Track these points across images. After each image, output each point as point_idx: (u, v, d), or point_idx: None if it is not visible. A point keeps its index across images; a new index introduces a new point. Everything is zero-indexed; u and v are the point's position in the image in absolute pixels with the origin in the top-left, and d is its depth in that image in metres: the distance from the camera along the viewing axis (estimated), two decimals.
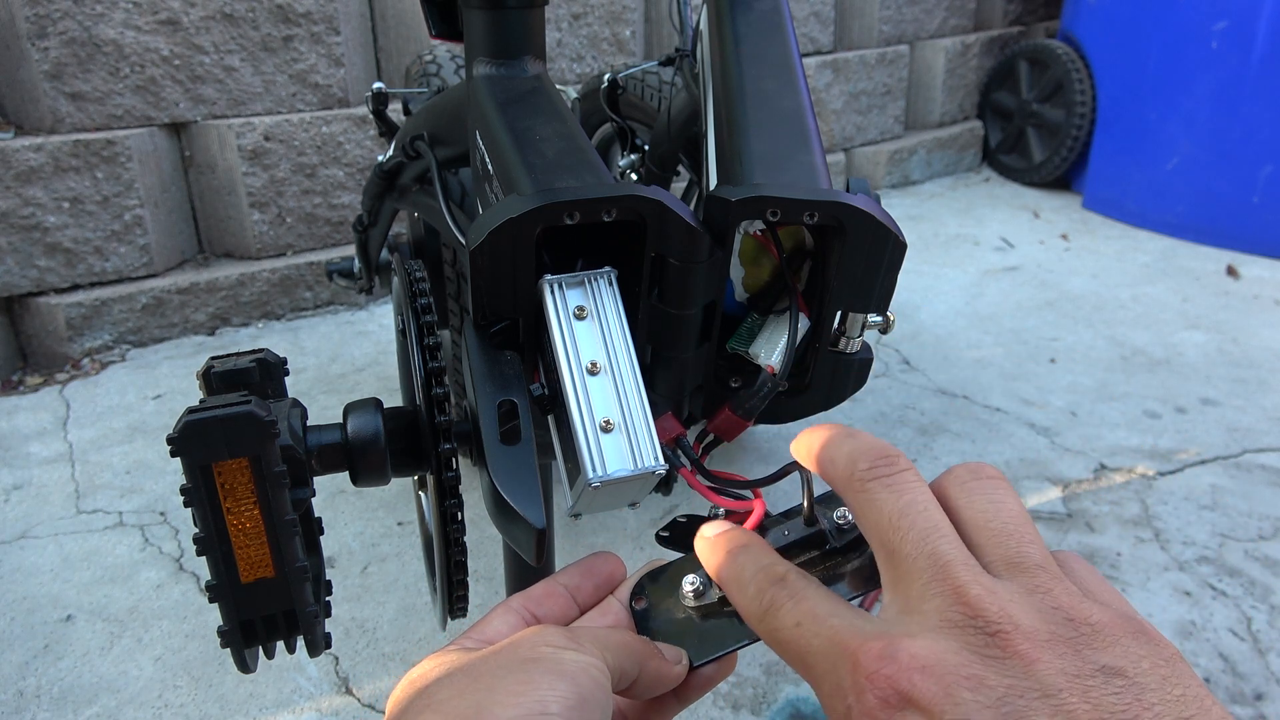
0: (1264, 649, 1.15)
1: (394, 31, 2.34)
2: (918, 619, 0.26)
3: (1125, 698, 0.23)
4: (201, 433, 0.39)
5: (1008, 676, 0.23)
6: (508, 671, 0.31)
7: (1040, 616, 0.25)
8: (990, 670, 0.24)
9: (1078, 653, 0.24)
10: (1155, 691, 0.23)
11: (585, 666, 0.31)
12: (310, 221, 2.21)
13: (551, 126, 0.59)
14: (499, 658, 0.32)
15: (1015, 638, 0.24)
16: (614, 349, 0.46)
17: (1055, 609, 0.25)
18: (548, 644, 0.32)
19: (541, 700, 0.29)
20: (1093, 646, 0.24)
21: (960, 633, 0.25)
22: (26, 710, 1.06)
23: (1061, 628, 0.25)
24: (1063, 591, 0.26)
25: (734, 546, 0.33)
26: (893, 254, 0.50)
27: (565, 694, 0.30)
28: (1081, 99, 3.01)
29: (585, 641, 0.33)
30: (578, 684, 0.31)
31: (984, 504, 0.29)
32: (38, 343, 1.95)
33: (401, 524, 1.40)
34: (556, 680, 0.30)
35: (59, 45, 1.85)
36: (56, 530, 1.39)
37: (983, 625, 0.25)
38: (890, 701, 0.24)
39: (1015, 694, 0.23)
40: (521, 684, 0.30)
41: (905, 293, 2.34)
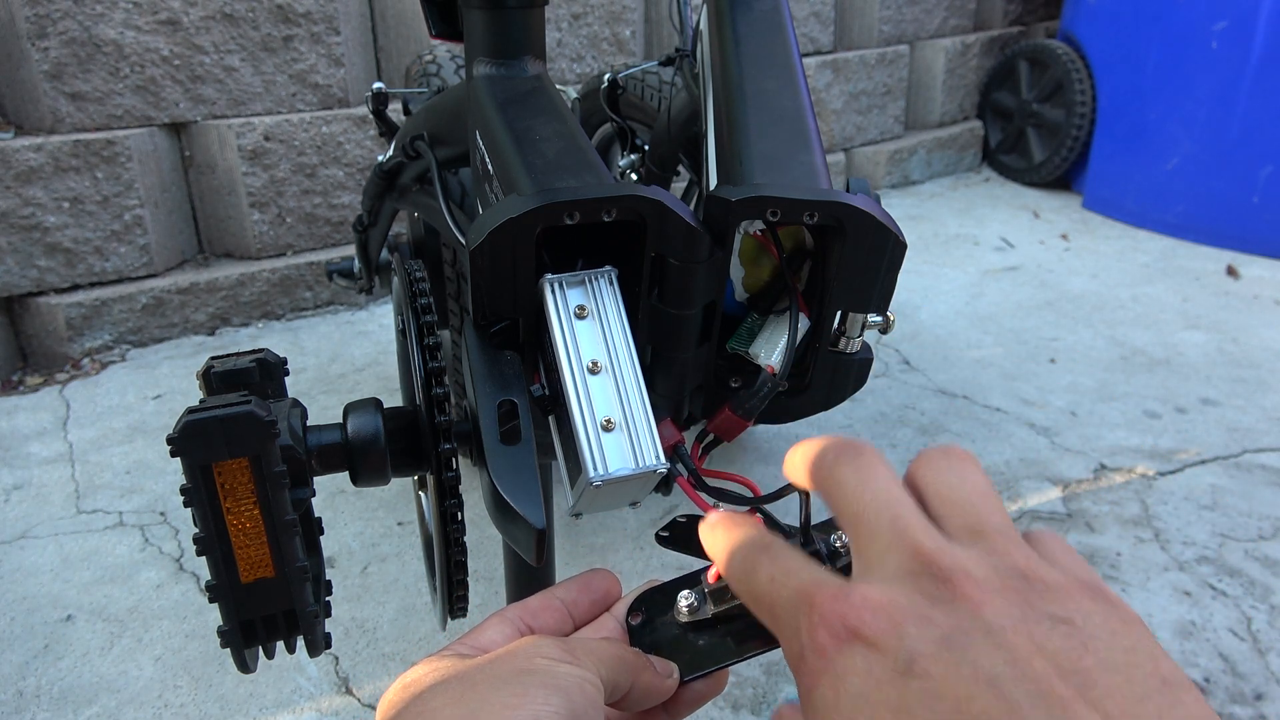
0: (1264, 649, 1.15)
1: (394, 31, 2.33)
2: (876, 573, 0.27)
3: (1071, 642, 0.23)
4: (201, 433, 0.39)
5: (954, 616, 0.24)
6: (503, 682, 0.31)
7: (994, 570, 0.25)
8: (938, 610, 0.24)
9: (1027, 601, 0.24)
10: (1103, 640, 0.23)
11: (580, 681, 0.32)
12: (310, 221, 2.21)
13: (551, 126, 0.59)
14: (495, 667, 0.32)
15: (965, 584, 0.25)
16: (615, 348, 0.46)
17: (1010, 567, 0.26)
18: (543, 656, 0.32)
19: (536, 714, 0.29)
20: (1044, 599, 0.25)
21: (913, 580, 0.26)
22: (26, 710, 1.06)
23: (1014, 580, 0.25)
24: (1020, 555, 0.26)
25: (732, 525, 0.34)
26: (893, 254, 0.50)
27: (559, 708, 0.30)
28: (1081, 99, 3.01)
29: (580, 654, 0.33)
30: (571, 699, 0.31)
31: (949, 478, 0.29)
32: (38, 343, 1.95)
33: (401, 524, 1.40)
34: (551, 694, 0.30)
35: (59, 45, 1.85)
36: (56, 530, 1.39)
37: (935, 572, 0.25)
38: (839, 636, 0.24)
39: (960, 631, 0.23)
40: (516, 696, 0.30)
41: (905, 293, 2.34)
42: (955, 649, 0.23)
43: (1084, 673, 0.23)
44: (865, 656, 0.24)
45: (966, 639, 0.23)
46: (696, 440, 0.50)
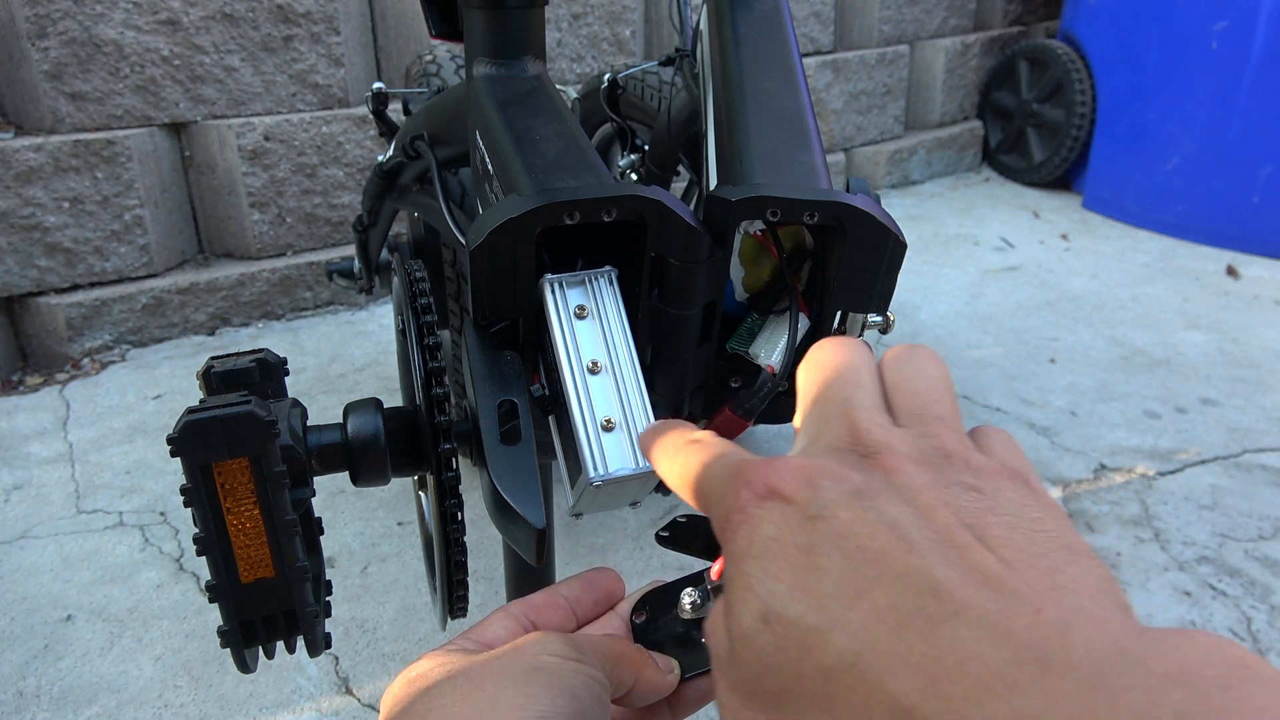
0: (1264, 649, 1.15)
1: (394, 31, 2.33)
2: (808, 448, 0.28)
3: (977, 504, 0.24)
4: (201, 433, 0.39)
5: (868, 477, 0.25)
6: (511, 680, 0.31)
7: (918, 448, 0.27)
8: (854, 472, 0.26)
9: (941, 472, 0.26)
10: (1009, 508, 0.25)
11: (586, 680, 0.32)
12: (310, 221, 2.21)
13: (551, 126, 0.59)
14: (502, 663, 0.32)
15: (886, 456, 0.26)
16: (615, 348, 0.46)
17: (938, 448, 0.27)
18: (550, 653, 0.32)
19: (543, 714, 0.30)
20: (960, 472, 0.26)
21: (839, 453, 0.27)
22: (26, 710, 1.06)
23: (936, 457, 0.26)
24: (952, 439, 0.28)
25: (667, 429, 0.34)
26: (893, 254, 0.50)
27: (566, 708, 0.30)
28: (1081, 99, 3.01)
29: (586, 651, 0.33)
30: (578, 698, 0.31)
31: (906, 369, 0.30)
32: (38, 343, 1.95)
33: (401, 524, 1.40)
34: (558, 695, 0.31)
35: (59, 45, 1.85)
36: (56, 530, 1.39)
37: (861, 449, 0.27)
38: (761, 494, 0.26)
39: (870, 486, 0.25)
40: (524, 695, 0.30)
41: (905, 293, 2.34)
42: (863, 499, 0.25)
43: (985, 527, 0.24)
44: (781, 509, 0.25)
45: (875, 492, 0.25)
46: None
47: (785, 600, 0.24)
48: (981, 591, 0.22)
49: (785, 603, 0.24)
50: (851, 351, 0.31)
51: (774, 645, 0.24)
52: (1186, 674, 0.18)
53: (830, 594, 0.23)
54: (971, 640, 0.21)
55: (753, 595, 0.24)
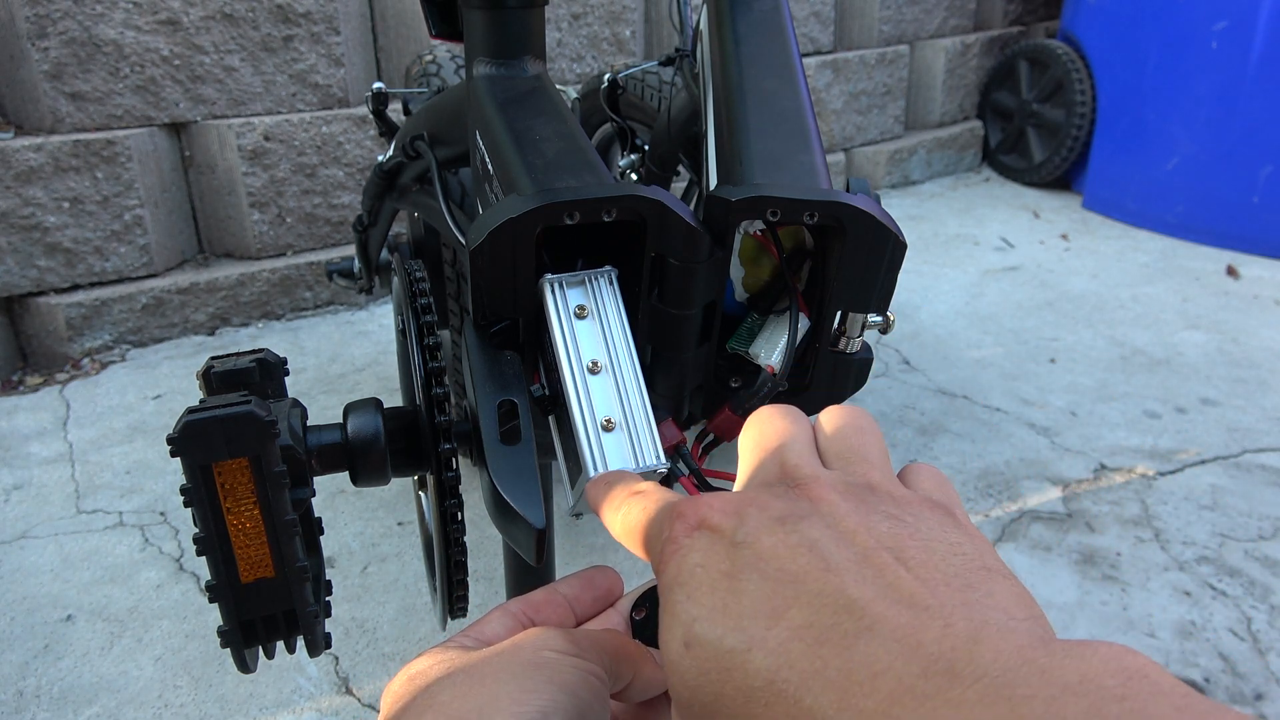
0: (1264, 649, 1.15)
1: (394, 31, 2.33)
2: (744, 487, 0.30)
3: (897, 528, 0.25)
4: (201, 433, 0.39)
5: (792, 505, 0.26)
6: (511, 676, 0.31)
7: (845, 482, 0.28)
8: (779, 501, 0.27)
9: (865, 503, 0.27)
10: (929, 532, 0.25)
11: (586, 675, 0.32)
12: (310, 221, 2.21)
13: (551, 126, 0.59)
14: (502, 659, 0.32)
15: (813, 485, 0.27)
16: (615, 348, 0.46)
17: (863, 482, 0.28)
18: (550, 648, 0.33)
19: (543, 711, 0.30)
20: (883, 503, 0.27)
21: (769, 486, 0.28)
22: (26, 710, 1.06)
23: (860, 489, 0.27)
24: (878, 476, 0.28)
25: (609, 480, 0.35)
26: (893, 254, 0.50)
27: (565, 705, 0.30)
28: (1081, 99, 3.01)
29: (585, 646, 0.34)
30: (577, 695, 0.31)
31: (839, 423, 0.32)
32: (38, 343, 1.95)
33: (401, 524, 1.40)
34: (558, 691, 0.31)
35: (59, 45, 1.85)
36: (56, 530, 1.39)
37: (790, 481, 0.28)
38: (691, 526, 0.27)
39: (793, 513, 0.26)
40: (525, 691, 0.30)
41: (905, 293, 2.34)
42: (786, 524, 0.25)
43: (903, 550, 0.24)
44: (708, 538, 0.26)
45: (798, 518, 0.26)
46: (696, 440, 0.50)
47: (704, 624, 0.24)
48: (895, 607, 0.22)
49: (704, 626, 0.24)
50: (786, 413, 0.32)
51: (696, 669, 0.24)
52: (1086, 684, 0.19)
53: (748, 615, 0.24)
54: (884, 654, 0.21)
55: (676, 621, 0.25)
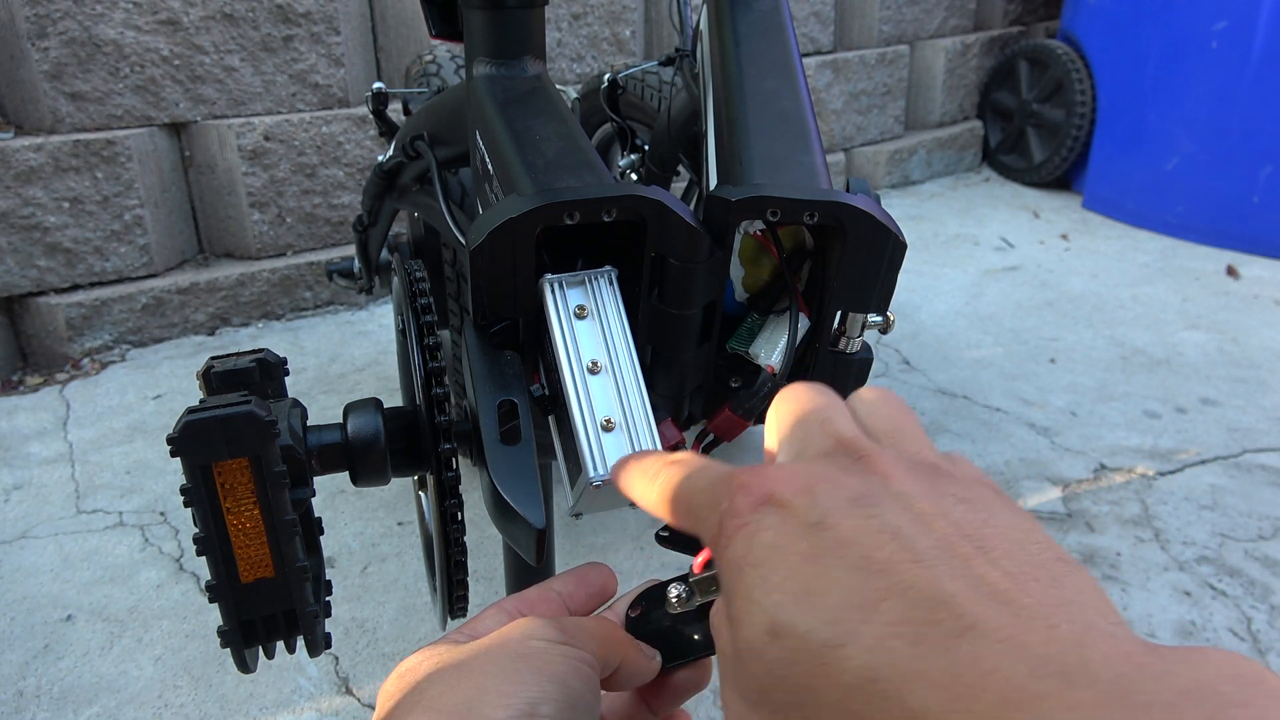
0: (1264, 649, 1.15)
1: (394, 31, 2.33)
2: (799, 458, 0.29)
3: (972, 515, 0.25)
4: (201, 433, 0.39)
5: (865, 483, 0.25)
6: (498, 668, 0.31)
7: (909, 459, 0.27)
8: (850, 478, 0.26)
9: (933, 483, 0.26)
10: (1002, 520, 0.25)
11: (576, 665, 0.32)
12: (310, 221, 2.21)
13: (551, 126, 0.59)
14: (490, 652, 0.32)
15: (878, 460, 0.26)
16: (615, 348, 0.46)
17: (921, 460, 0.27)
18: (539, 638, 0.33)
19: (531, 701, 0.30)
20: (950, 484, 0.26)
21: (831, 457, 0.27)
22: (26, 710, 1.06)
23: (926, 469, 0.27)
24: (931, 454, 0.28)
25: (640, 457, 0.35)
26: (893, 254, 0.50)
27: (555, 695, 0.30)
28: (1081, 99, 3.01)
29: (575, 634, 0.34)
30: (566, 684, 0.31)
31: (875, 403, 0.32)
32: (38, 343, 1.95)
33: (401, 524, 1.40)
34: (547, 681, 0.31)
35: (59, 45, 1.85)
36: (56, 530, 1.39)
37: (851, 452, 0.27)
38: (757, 500, 0.26)
39: (868, 493, 0.25)
40: (512, 683, 0.30)
41: (905, 293, 2.34)
42: (864, 506, 0.24)
43: (984, 539, 0.24)
44: (779, 514, 0.25)
45: (874, 499, 0.25)
46: (696, 440, 0.50)
47: (792, 612, 0.23)
48: (991, 605, 0.22)
49: (793, 615, 0.23)
50: (820, 388, 0.32)
51: (784, 659, 0.23)
52: (1203, 690, 0.18)
53: (840, 606, 0.23)
54: (990, 654, 0.20)
55: (757, 607, 0.24)
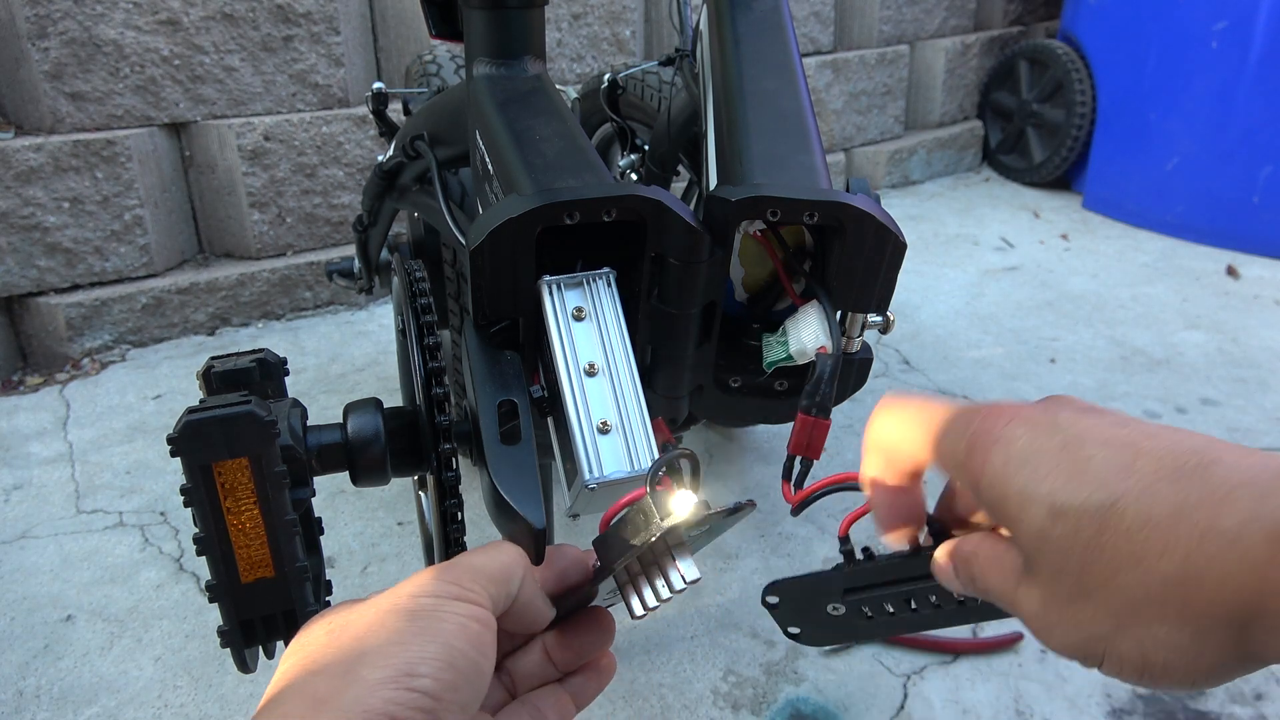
0: None
1: (394, 31, 2.33)
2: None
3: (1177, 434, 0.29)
4: (201, 433, 0.39)
5: (1070, 404, 0.31)
6: (382, 627, 0.31)
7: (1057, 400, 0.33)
8: (1054, 402, 0.31)
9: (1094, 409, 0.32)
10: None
11: (463, 622, 0.32)
12: (310, 221, 2.21)
13: (551, 126, 0.59)
14: (378, 611, 0.32)
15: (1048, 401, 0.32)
16: (612, 351, 0.46)
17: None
18: (428, 594, 0.33)
19: (410, 662, 0.30)
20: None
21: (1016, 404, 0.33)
22: (26, 710, 1.06)
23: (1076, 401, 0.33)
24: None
25: (886, 408, 0.40)
26: (893, 254, 0.50)
27: (436, 655, 0.30)
28: (1081, 99, 3.01)
29: (466, 582, 0.33)
30: (450, 645, 0.31)
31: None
32: (38, 343, 1.95)
33: (401, 524, 1.40)
34: (429, 642, 0.31)
35: (59, 45, 1.85)
36: (56, 530, 1.39)
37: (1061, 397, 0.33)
38: (1006, 419, 0.30)
39: (1083, 407, 0.30)
40: (394, 644, 0.31)
41: (905, 293, 2.34)
42: (1086, 413, 0.30)
43: (1163, 431, 0.29)
44: (1025, 425, 0.30)
45: (1089, 409, 0.30)
46: (785, 479, 0.46)
47: (1066, 492, 0.28)
48: (1218, 447, 0.27)
49: (1067, 494, 0.28)
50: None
51: (1067, 532, 0.27)
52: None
53: (1103, 475, 0.27)
54: (1234, 474, 0.26)
55: (1032, 499, 0.28)
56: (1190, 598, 0.25)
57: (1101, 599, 0.27)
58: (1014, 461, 0.29)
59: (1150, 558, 0.26)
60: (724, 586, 1.26)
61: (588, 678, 0.41)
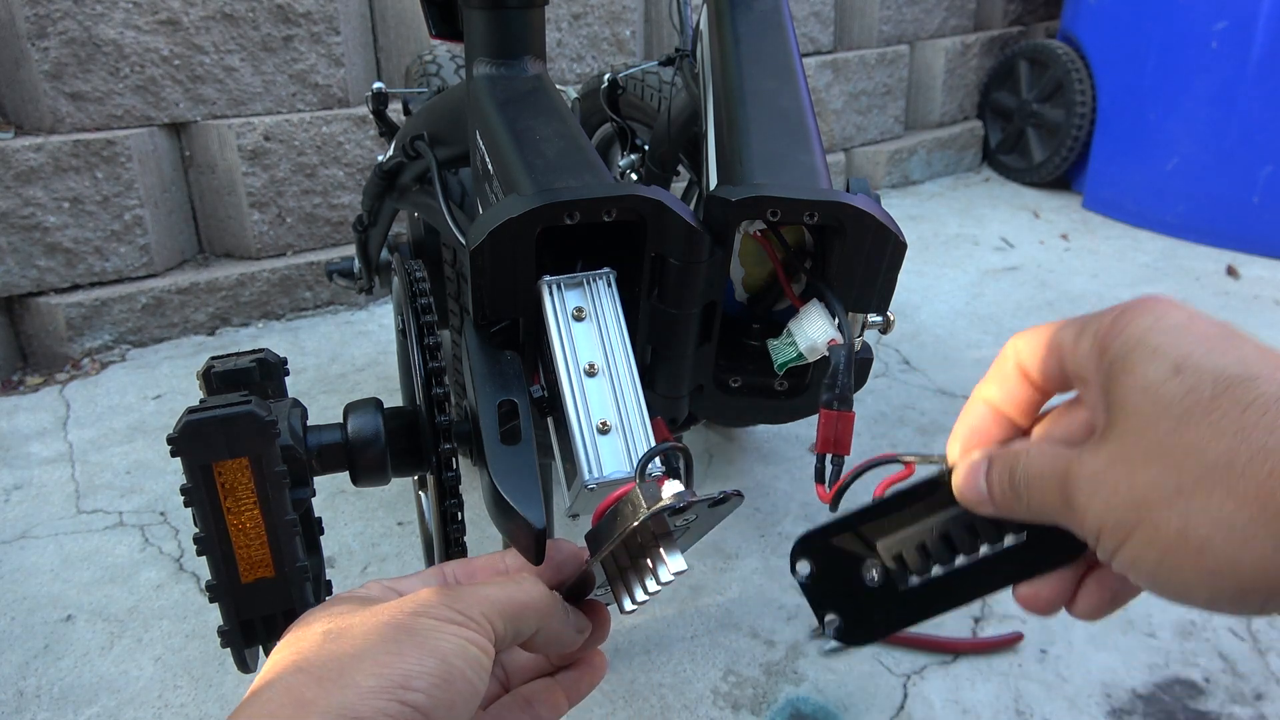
0: (1264, 649, 1.15)
1: (394, 31, 2.33)
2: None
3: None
4: (201, 433, 0.39)
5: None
6: (380, 637, 0.31)
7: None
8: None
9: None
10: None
11: (462, 645, 0.32)
12: (310, 221, 2.21)
13: (551, 126, 0.59)
14: (377, 621, 0.32)
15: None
16: (612, 351, 0.46)
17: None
18: (429, 616, 0.32)
19: (406, 674, 0.30)
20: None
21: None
22: (26, 710, 1.06)
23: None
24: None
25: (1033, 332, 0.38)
26: (893, 254, 0.50)
27: (432, 670, 0.30)
28: (1081, 99, 3.01)
29: (473, 611, 0.33)
30: (448, 663, 0.31)
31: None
32: (38, 343, 1.95)
33: (401, 524, 1.40)
34: (426, 656, 0.30)
35: (59, 45, 1.85)
36: (56, 530, 1.39)
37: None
38: (1148, 301, 0.31)
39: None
40: (391, 655, 0.30)
41: (905, 293, 2.34)
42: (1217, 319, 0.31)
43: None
44: (1155, 307, 0.31)
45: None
46: (818, 482, 0.45)
47: (1203, 356, 0.28)
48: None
49: (1203, 358, 0.28)
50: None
51: (1183, 390, 0.28)
52: None
53: (1248, 356, 0.28)
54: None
55: (1160, 355, 0.29)
56: (1275, 477, 0.25)
57: (1176, 460, 0.27)
58: (1162, 325, 0.29)
59: (1256, 431, 0.26)
60: (724, 586, 1.26)
61: (581, 673, 0.41)
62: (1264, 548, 0.26)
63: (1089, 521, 0.30)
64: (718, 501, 0.37)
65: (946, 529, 0.37)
